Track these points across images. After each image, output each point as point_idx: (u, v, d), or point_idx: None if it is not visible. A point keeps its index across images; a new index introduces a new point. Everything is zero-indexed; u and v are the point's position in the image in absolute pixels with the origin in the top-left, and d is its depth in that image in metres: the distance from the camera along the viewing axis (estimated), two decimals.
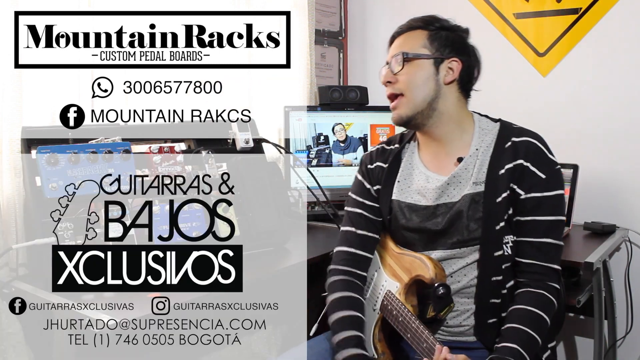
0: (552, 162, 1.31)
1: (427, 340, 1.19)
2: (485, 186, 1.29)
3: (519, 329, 1.22)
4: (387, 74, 1.36)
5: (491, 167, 1.30)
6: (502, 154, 1.30)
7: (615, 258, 2.13)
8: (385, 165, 1.43)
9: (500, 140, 1.32)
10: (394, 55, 1.35)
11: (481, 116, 1.40)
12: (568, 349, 2.27)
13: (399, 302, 1.30)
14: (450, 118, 1.34)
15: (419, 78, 1.32)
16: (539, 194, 1.28)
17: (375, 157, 1.46)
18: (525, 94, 2.33)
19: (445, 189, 1.32)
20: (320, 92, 2.39)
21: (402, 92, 1.34)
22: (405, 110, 1.34)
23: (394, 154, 1.43)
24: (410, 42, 1.35)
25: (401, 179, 1.40)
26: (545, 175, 1.28)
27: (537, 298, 1.26)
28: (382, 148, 1.47)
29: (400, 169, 1.41)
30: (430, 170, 1.37)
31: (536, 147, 1.30)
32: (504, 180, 1.28)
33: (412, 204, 1.36)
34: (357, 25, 2.76)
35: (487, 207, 1.28)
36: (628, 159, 2.13)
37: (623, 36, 2.12)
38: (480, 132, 1.35)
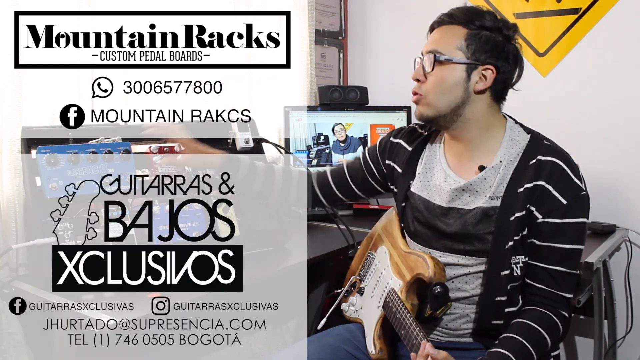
0: (577, 187, 1.22)
1: (417, 337, 1.18)
2: (502, 202, 1.23)
3: (517, 340, 1.19)
4: (417, 71, 1.29)
5: (511, 183, 1.23)
6: (524, 171, 1.23)
7: (615, 258, 2.13)
8: (408, 148, 1.41)
9: (526, 156, 1.25)
10: (428, 51, 1.27)
11: (515, 124, 1.33)
12: (568, 349, 2.27)
13: (398, 300, 1.30)
14: (477, 124, 1.28)
15: (447, 83, 1.25)
16: (558, 220, 1.20)
17: (403, 135, 1.44)
18: (525, 94, 2.31)
19: (460, 194, 1.28)
20: (320, 92, 2.39)
21: (426, 95, 1.28)
22: (426, 111, 1.29)
23: (420, 140, 1.40)
24: (446, 39, 1.26)
25: (422, 171, 1.37)
26: (566, 201, 1.20)
27: (543, 317, 1.22)
28: (413, 129, 1.45)
29: (423, 161, 1.38)
30: (451, 169, 1.33)
31: (561, 169, 1.22)
32: (521, 199, 1.21)
33: (426, 199, 1.34)
34: (357, 25, 2.76)
35: (499, 223, 1.23)
36: (628, 159, 2.13)
37: (623, 36, 2.12)
38: (509, 142, 1.28)
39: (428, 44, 1.29)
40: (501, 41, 1.27)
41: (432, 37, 1.30)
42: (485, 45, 1.25)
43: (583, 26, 2.20)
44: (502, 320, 1.25)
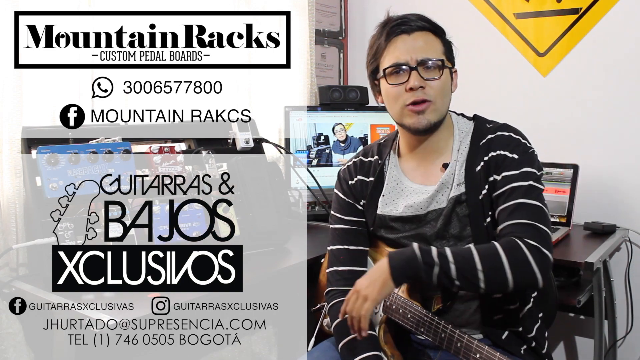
0: (525, 145, 1.27)
1: (445, 330, 1.19)
2: (465, 185, 1.28)
3: (466, 247, 1.17)
4: (419, 79, 1.26)
5: (468, 166, 1.30)
6: (477, 153, 1.29)
7: (616, 258, 2.13)
8: (368, 179, 1.40)
9: (475, 139, 1.31)
10: (425, 57, 1.27)
11: (457, 115, 1.39)
12: (568, 349, 2.27)
13: (404, 299, 1.29)
14: (443, 123, 1.33)
15: (447, 86, 1.30)
16: (513, 172, 1.23)
17: (355, 171, 1.42)
18: (525, 94, 2.33)
19: (435, 197, 1.31)
20: (320, 92, 2.39)
21: (433, 99, 1.27)
22: (434, 117, 1.28)
23: (375, 166, 1.40)
24: (431, 45, 1.29)
25: (386, 192, 1.37)
26: (518, 156, 1.25)
27: (504, 239, 1.17)
28: (361, 161, 1.43)
29: (386, 183, 1.38)
30: (416, 183, 1.35)
31: (510, 137, 1.28)
32: (480, 176, 1.27)
33: (401, 215, 1.34)
34: (357, 25, 2.76)
35: (470, 204, 1.28)
36: (628, 159, 2.13)
37: (623, 36, 2.12)
38: (459, 135, 1.34)
39: (417, 51, 1.27)
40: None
41: (412, 44, 1.28)
42: (451, 48, 1.33)
43: (583, 26, 2.20)
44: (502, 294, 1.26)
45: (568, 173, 2.06)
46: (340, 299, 1.34)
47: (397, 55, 1.28)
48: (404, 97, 1.28)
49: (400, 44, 1.29)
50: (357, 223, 1.41)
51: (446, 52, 1.31)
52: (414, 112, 1.28)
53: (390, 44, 1.30)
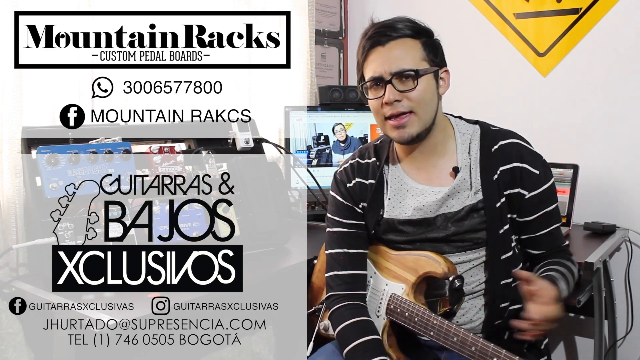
0: (539, 156, 1.32)
1: (458, 334, 1.19)
2: (483, 193, 1.28)
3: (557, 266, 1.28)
4: (393, 93, 1.24)
5: (483, 172, 1.29)
6: (490, 158, 1.30)
7: (616, 258, 2.13)
8: (367, 182, 1.38)
9: (484, 144, 1.31)
10: (399, 70, 1.24)
11: (455, 118, 1.38)
12: (568, 349, 2.27)
13: (409, 302, 1.28)
14: (439, 127, 1.32)
15: (428, 93, 1.26)
16: (540, 190, 1.30)
17: (353, 174, 1.40)
18: (525, 94, 2.33)
19: (446, 200, 1.30)
20: (320, 92, 2.39)
21: (413, 110, 1.25)
22: (416, 129, 1.26)
23: (375, 168, 1.38)
24: (408, 53, 1.26)
25: (391, 195, 1.35)
26: (538, 171, 1.29)
27: (562, 257, 1.33)
28: (358, 163, 1.41)
29: (389, 185, 1.36)
30: (421, 183, 1.34)
31: (524, 147, 1.31)
32: (497, 184, 1.28)
33: (410, 219, 1.33)
34: (357, 25, 2.75)
35: (488, 213, 1.28)
36: (628, 158, 2.13)
37: (623, 36, 2.12)
38: (461, 138, 1.33)
39: (391, 62, 1.25)
40: (440, 44, 1.33)
41: (386, 56, 1.26)
42: (437, 49, 1.31)
43: (583, 26, 2.20)
44: (508, 302, 1.29)
45: (568, 173, 2.06)
46: (343, 304, 1.34)
47: (374, 69, 1.27)
48: (382, 111, 1.28)
49: (376, 56, 1.27)
50: (357, 226, 1.40)
51: (428, 55, 1.27)
52: (394, 127, 1.27)
53: (368, 56, 1.29)
